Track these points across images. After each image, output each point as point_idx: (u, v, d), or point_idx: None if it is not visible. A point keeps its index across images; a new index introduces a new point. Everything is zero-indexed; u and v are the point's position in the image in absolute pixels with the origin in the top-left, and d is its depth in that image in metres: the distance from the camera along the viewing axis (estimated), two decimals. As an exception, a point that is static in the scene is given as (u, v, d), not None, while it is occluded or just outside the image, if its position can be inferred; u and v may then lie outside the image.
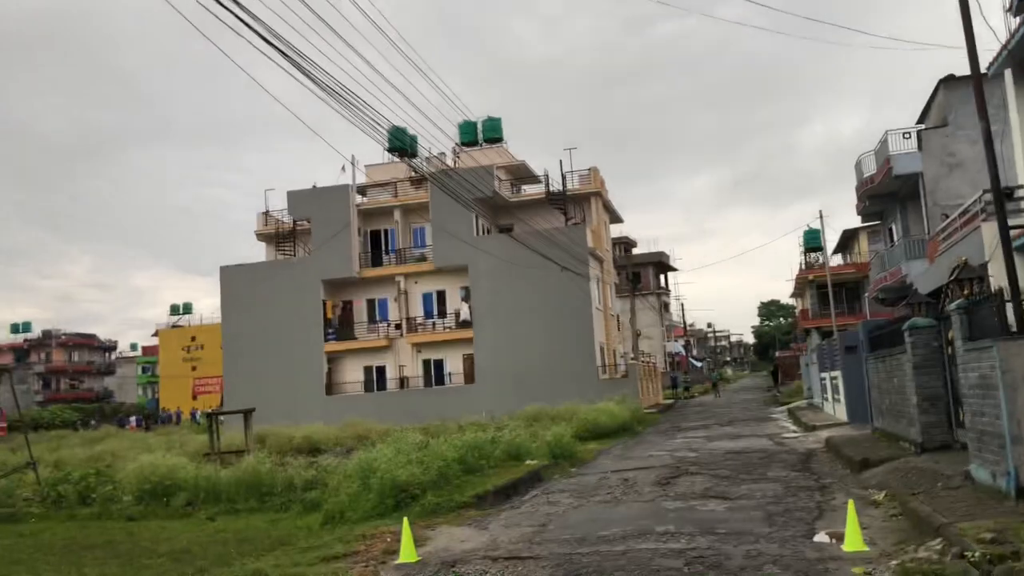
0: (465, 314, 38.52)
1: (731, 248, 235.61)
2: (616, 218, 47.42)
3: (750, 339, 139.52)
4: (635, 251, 66.48)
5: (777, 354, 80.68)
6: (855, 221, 36.44)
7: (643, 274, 64.56)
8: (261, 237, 43.40)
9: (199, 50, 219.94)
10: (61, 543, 11.23)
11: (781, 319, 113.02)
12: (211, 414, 20.02)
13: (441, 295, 39.89)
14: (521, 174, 43.20)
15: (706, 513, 9.86)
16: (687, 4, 29.76)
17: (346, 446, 20.90)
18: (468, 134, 40.95)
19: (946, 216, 21.62)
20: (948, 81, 24.19)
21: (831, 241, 50.22)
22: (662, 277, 71.85)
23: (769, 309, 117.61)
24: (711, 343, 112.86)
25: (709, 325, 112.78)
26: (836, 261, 52.98)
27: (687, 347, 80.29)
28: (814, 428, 20.39)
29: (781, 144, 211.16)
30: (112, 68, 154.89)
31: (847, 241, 52.23)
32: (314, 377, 38.80)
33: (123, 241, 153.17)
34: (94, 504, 13.95)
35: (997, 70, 15.56)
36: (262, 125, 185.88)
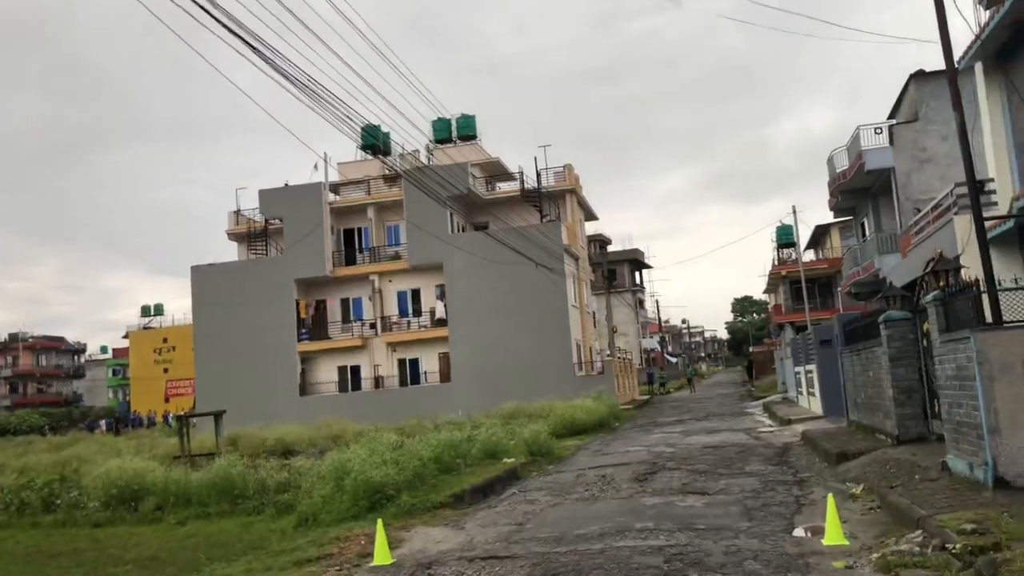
0: (440, 312, 38.30)
1: (705, 245, 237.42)
2: (591, 215, 47.45)
3: (724, 335, 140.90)
4: (610, 248, 66.55)
5: (751, 349, 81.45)
6: (828, 217, 36.65)
7: (618, 271, 64.71)
8: (233, 237, 42.86)
9: (171, 47, 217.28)
10: (24, 552, 10.95)
11: (755, 315, 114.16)
12: (181, 416, 19.84)
13: (416, 293, 39.64)
14: (496, 171, 43.02)
15: (684, 509, 9.78)
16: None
17: (320, 447, 20.61)
18: (442, 131, 40.81)
19: (918, 210, 21.80)
20: (919, 76, 24.36)
21: (804, 237, 50.72)
22: (637, 274, 72.10)
23: (743, 305, 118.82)
24: (686, 339, 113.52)
25: (684, 321, 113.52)
26: (809, 257, 53.44)
27: (662, 343, 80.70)
28: (790, 422, 20.44)
29: (755, 140, 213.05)
30: (84, 65, 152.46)
31: (820, 237, 52.69)
32: (288, 378, 38.39)
33: (92, 242, 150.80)
34: (59, 511, 13.59)
35: (968, 64, 15.65)
36: (236, 123, 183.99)
